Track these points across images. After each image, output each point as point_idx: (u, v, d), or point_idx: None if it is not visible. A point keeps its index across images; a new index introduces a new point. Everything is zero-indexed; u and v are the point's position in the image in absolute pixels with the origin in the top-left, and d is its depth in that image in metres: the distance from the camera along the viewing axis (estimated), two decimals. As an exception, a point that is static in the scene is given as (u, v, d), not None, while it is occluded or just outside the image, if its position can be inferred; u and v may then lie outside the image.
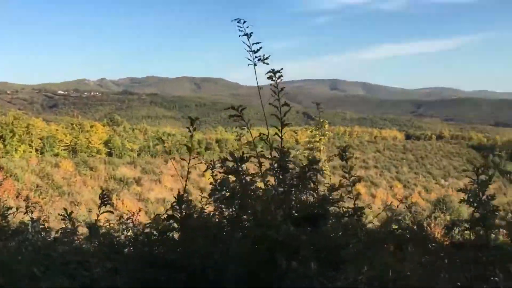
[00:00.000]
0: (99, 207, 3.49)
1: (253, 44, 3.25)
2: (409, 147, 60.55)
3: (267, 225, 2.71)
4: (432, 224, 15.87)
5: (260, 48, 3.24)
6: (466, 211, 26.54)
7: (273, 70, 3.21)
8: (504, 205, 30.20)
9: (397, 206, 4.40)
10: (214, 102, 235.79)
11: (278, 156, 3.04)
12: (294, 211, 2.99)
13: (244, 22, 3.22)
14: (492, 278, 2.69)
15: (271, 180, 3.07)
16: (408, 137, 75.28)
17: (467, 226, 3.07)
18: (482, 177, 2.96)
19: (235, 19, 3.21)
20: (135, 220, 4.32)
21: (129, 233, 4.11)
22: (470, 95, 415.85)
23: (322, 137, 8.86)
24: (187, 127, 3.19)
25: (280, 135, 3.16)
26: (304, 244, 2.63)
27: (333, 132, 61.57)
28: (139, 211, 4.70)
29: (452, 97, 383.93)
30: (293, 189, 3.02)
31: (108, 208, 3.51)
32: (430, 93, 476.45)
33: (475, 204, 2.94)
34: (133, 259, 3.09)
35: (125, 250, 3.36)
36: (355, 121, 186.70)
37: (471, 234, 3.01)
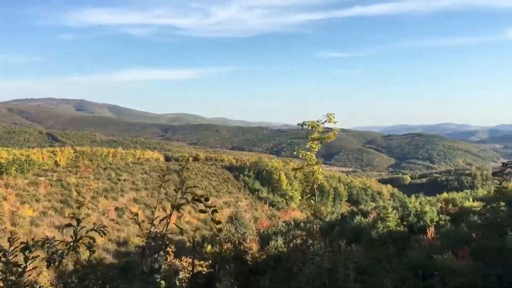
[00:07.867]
0: None
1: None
2: (173, 168, 61.86)
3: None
4: (248, 240, 16.27)
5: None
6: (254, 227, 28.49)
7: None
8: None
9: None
10: None
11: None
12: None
13: None
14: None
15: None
16: (167, 159, 76.94)
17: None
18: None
19: None
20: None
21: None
22: (210, 122, 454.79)
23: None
24: None
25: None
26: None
27: (96, 153, 58.01)
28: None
29: (195, 123, 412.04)
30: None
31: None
32: (175, 118, 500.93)
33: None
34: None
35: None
36: (105, 143, 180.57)
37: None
